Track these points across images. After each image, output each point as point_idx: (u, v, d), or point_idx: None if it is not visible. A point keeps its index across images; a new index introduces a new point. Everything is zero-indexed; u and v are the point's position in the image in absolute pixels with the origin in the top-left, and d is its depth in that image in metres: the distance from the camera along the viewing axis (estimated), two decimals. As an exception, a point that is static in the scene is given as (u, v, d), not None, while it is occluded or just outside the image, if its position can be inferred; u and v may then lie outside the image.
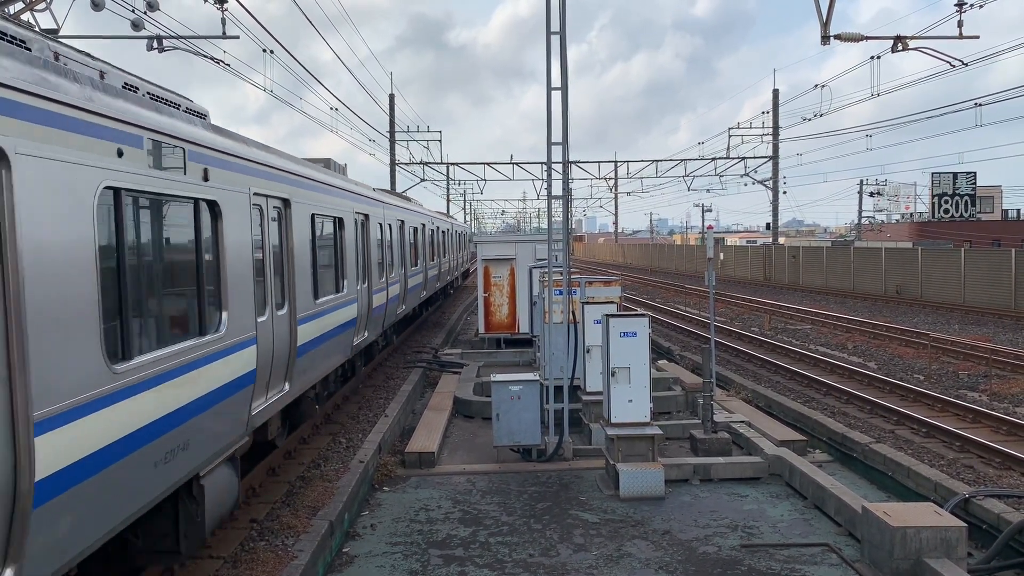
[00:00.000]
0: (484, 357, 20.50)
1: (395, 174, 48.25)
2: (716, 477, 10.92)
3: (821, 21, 19.33)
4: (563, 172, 12.27)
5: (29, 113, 4.47)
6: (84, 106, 5.02)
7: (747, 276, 56.36)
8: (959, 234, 56.77)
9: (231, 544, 8.26)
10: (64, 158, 4.77)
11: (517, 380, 11.95)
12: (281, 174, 9.52)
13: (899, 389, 16.41)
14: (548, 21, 11.61)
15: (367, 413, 14.33)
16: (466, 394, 15.81)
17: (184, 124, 6.72)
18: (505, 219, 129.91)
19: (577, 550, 8.57)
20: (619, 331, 10.69)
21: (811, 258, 48.72)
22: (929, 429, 13.32)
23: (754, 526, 9.22)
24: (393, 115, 48.31)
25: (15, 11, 14.97)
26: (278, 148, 12.45)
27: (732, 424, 12.85)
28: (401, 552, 8.62)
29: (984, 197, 66.66)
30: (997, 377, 17.52)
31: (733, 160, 52.31)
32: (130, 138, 5.62)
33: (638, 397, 10.66)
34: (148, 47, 17.51)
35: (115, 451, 5.25)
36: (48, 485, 4.48)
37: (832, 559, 8.26)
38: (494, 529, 9.24)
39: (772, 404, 15.30)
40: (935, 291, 36.32)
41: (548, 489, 10.67)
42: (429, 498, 10.38)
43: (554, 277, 12.73)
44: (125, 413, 5.39)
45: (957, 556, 7.52)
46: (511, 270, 21.87)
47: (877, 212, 78.64)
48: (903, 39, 21.62)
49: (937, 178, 63.58)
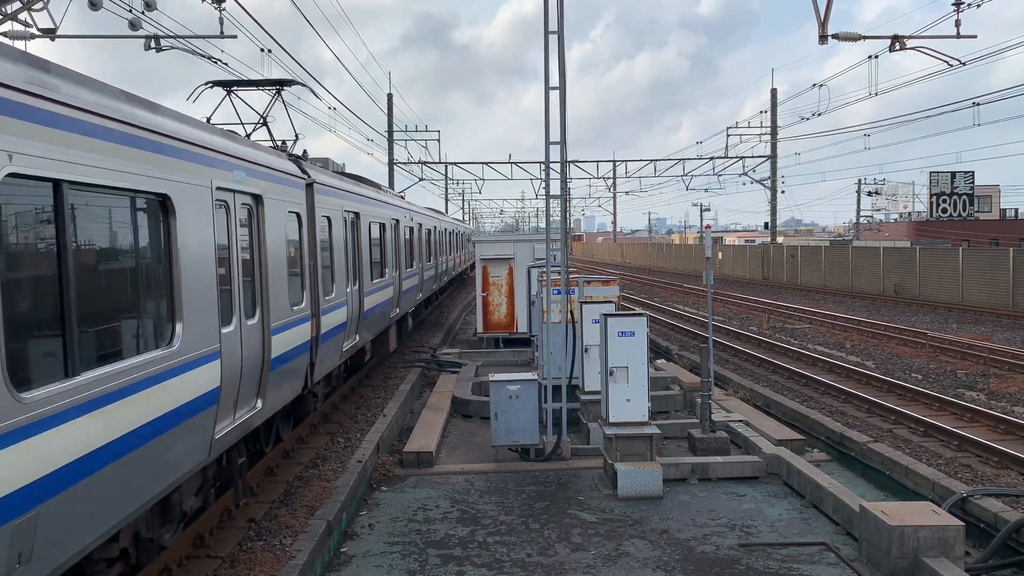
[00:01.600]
0: (482, 356, 20.50)
1: (393, 173, 48.27)
2: (714, 476, 10.93)
3: (819, 20, 19.33)
4: (561, 172, 12.27)
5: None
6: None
7: (745, 275, 56.37)
8: (957, 233, 56.80)
9: (229, 544, 8.26)
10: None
11: (515, 380, 11.95)
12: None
13: (897, 388, 16.42)
14: (546, 21, 11.62)
15: (365, 412, 14.32)
16: (464, 394, 15.81)
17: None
18: (504, 218, 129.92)
19: (575, 549, 8.57)
20: (617, 330, 10.69)
21: (809, 257, 48.74)
22: (927, 428, 13.33)
23: (752, 525, 9.22)
24: (391, 115, 48.33)
25: (13, 10, 14.95)
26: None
27: (730, 423, 12.86)
28: (399, 552, 8.62)
29: (982, 196, 66.65)
30: (995, 376, 17.54)
31: (731, 160, 52.34)
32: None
33: (636, 396, 10.66)
34: (145, 47, 17.50)
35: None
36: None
37: (830, 558, 8.26)
38: (492, 529, 9.24)
39: (770, 403, 15.30)
40: (933, 290, 36.35)
41: (546, 488, 10.67)
42: (427, 498, 10.38)
43: (552, 276, 12.74)
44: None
45: (955, 555, 7.53)
46: (510, 269, 21.88)
47: (875, 211, 78.69)
48: (901, 38, 21.63)
49: (935, 177, 63.60)
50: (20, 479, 4.27)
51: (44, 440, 4.51)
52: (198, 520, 8.36)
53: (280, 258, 9.35)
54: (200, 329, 6.82)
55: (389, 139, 48.03)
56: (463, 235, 47.21)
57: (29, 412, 4.39)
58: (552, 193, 12.67)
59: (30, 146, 4.55)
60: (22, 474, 4.29)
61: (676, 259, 72.58)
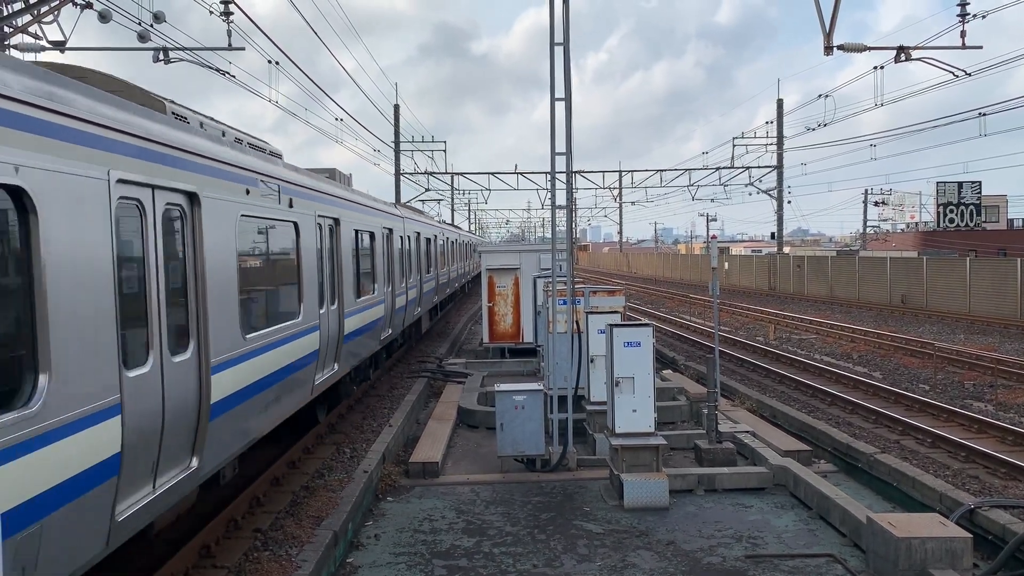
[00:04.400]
0: (488, 367, 20.49)
1: (400, 184, 48.43)
2: (720, 487, 10.90)
3: (824, 31, 19.37)
4: (567, 182, 12.31)
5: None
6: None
7: (752, 286, 56.30)
8: (964, 243, 56.65)
9: (235, 554, 8.26)
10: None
11: (521, 390, 11.95)
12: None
13: (904, 399, 16.37)
14: (552, 33, 11.67)
15: (371, 423, 14.34)
16: (470, 404, 15.81)
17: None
18: (510, 228, 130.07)
19: (581, 560, 8.56)
20: (623, 341, 10.69)
21: (816, 267, 48.67)
22: (934, 439, 13.28)
23: (759, 536, 9.20)
24: (398, 126, 48.52)
25: (23, 23, 15.09)
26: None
27: (737, 434, 12.83)
28: (405, 563, 8.61)
29: (989, 206, 66.48)
30: (1003, 387, 17.47)
31: (738, 170, 52.38)
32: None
33: (642, 407, 10.65)
34: (154, 59, 17.66)
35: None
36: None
37: (837, 570, 8.23)
38: (498, 539, 9.23)
39: (777, 414, 15.26)
40: (940, 301, 36.24)
41: (552, 499, 10.65)
42: (433, 508, 10.38)
43: (558, 287, 12.75)
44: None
45: (962, 567, 7.50)
46: (515, 280, 21.89)
47: (882, 221, 78.55)
48: (906, 49, 21.65)
49: (942, 187, 63.49)
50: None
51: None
52: (204, 530, 8.38)
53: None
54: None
55: (396, 150, 48.20)
56: (470, 245, 47.27)
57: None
58: (558, 203, 12.70)
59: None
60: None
61: (682, 269, 72.54)
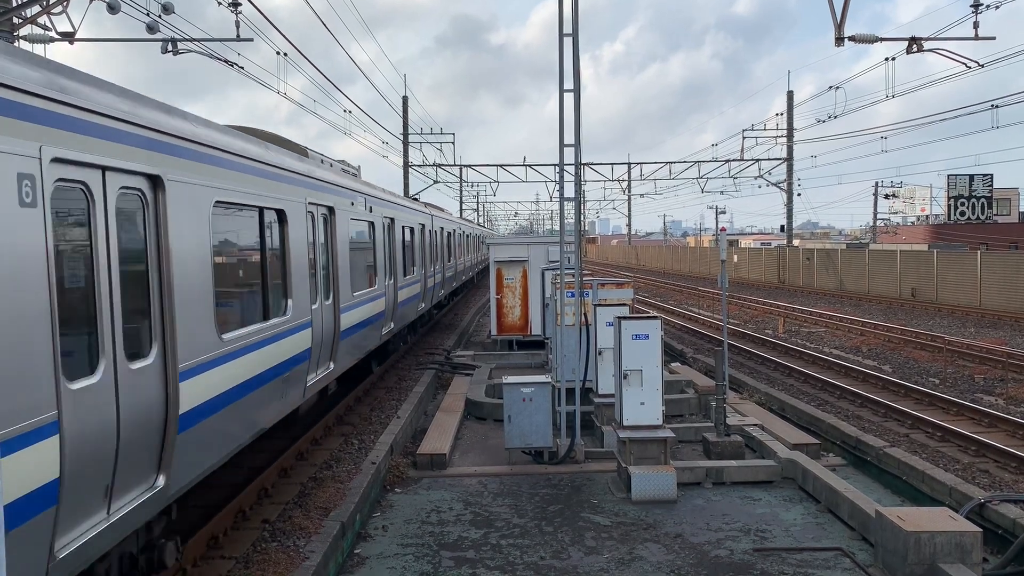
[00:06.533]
0: (496, 359, 20.50)
1: (408, 176, 48.41)
2: (729, 480, 10.88)
3: (835, 22, 19.23)
4: (575, 174, 12.26)
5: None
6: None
7: (761, 279, 56.14)
8: (975, 237, 56.28)
9: (243, 544, 8.30)
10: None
11: (529, 382, 11.94)
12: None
13: (914, 393, 16.30)
14: (560, 23, 11.62)
15: (379, 414, 14.36)
16: (478, 396, 15.82)
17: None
18: (518, 221, 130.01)
19: (588, 553, 8.56)
20: (631, 333, 10.66)
21: (825, 260, 48.47)
22: (944, 433, 13.22)
23: (767, 530, 9.18)
24: (406, 118, 48.47)
25: (32, 14, 15.11)
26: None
27: (745, 427, 12.80)
28: (412, 554, 8.63)
29: (1001, 199, 66.06)
30: (1014, 381, 17.37)
31: (747, 162, 52.16)
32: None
33: (650, 400, 10.63)
34: (163, 50, 17.67)
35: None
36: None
37: (845, 563, 8.20)
38: (505, 531, 9.23)
39: (785, 407, 15.22)
40: (951, 294, 36.06)
41: (560, 491, 10.65)
42: (441, 500, 10.39)
43: (566, 279, 12.73)
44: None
45: (972, 561, 7.46)
46: (523, 272, 21.87)
47: (892, 214, 78.16)
48: (918, 40, 21.50)
49: (953, 180, 63.07)
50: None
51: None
52: (212, 521, 8.41)
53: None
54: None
55: (404, 142, 48.16)
56: (478, 237, 47.22)
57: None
58: (566, 196, 12.67)
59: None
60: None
61: (691, 262, 72.36)
